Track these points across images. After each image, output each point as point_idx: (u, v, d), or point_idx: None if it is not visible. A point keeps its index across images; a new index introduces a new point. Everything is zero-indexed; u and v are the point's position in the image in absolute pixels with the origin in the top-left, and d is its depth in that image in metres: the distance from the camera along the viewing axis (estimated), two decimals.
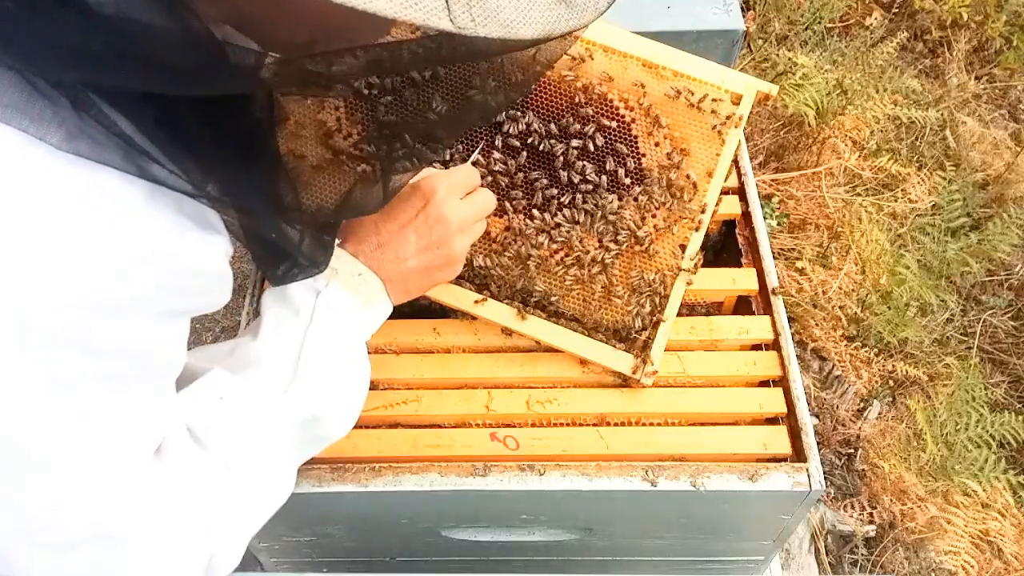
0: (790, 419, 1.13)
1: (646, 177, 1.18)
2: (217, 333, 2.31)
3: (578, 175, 1.17)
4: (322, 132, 1.01)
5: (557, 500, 1.09)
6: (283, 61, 0.58)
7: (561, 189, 1.17)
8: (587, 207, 1.16)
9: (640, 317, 1.13)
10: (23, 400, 0.55)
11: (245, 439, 0.81)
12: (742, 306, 1.28)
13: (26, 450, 0.57)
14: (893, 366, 2.20)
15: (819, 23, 2.75)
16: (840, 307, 2.24)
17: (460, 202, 1.01)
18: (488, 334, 1.16)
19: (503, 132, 1.18)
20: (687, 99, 1.22)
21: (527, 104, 1.20)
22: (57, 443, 0.59)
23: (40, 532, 0.62)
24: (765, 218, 1.52)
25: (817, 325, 2.25)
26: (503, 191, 1.17)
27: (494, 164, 1.17)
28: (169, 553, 0.71)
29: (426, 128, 0.92)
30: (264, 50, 0.57)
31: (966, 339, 2.35)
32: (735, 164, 1.31)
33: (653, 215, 1.17)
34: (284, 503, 0.89)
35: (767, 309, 1.21)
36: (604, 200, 1.16)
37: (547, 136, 1.18)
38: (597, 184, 1.17)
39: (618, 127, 1.20)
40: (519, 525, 1.19)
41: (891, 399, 2.24)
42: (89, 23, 0.50)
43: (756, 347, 1.20)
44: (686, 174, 1.19)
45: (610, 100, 1.21)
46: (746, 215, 1.31)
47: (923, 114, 2.55)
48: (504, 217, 1.16)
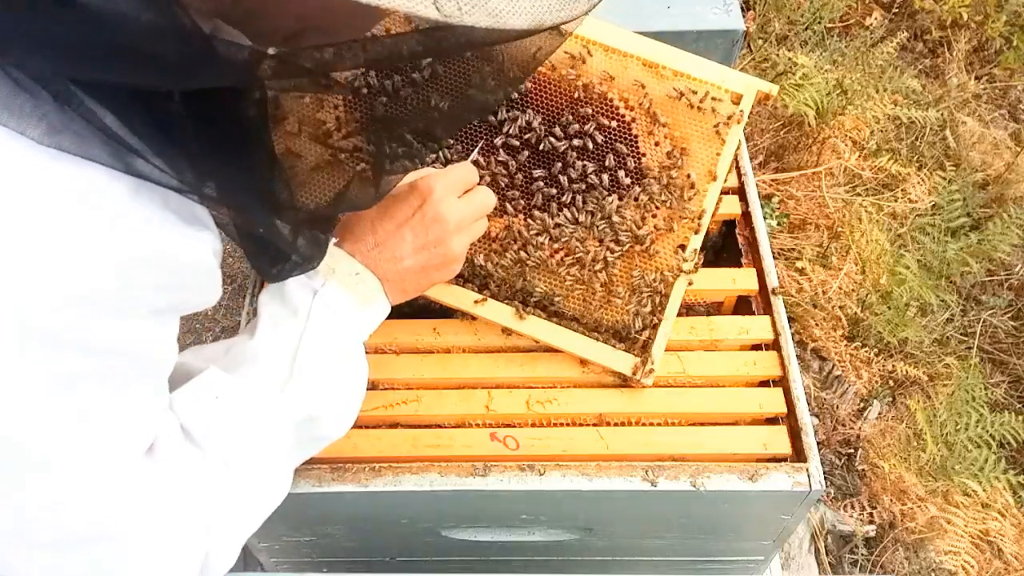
0: (790, 419, 1.13)
1: (646, 177, 1.18)
2: (217, 333, 2.30)
3: (578, 175, 1.17)
4: (313, 127, 1.01)
5: (557, 500, 1.09)
6: (271, 55, 0.57)
7: (561, 189, 1.17)
8: (588, 207, 1.16)
9: (640, 317, 1.13)
10: (23, 400, 0.55)
11: (241, 438, 0.81)
12: (742, 306, 1.28)
13: (26, 450, 0.57)
14: (893, 366, 2.20)
15: (819, 23, 2.75)
16: (840, 307, 2.24)
17: (458, 201, 1.00)
18: (488, 334, 1.16)
19: (503, 132, 1.18)
20: (687, 99, 1.22)
21: (527, 103, 1.20)
22: (57, 443, 0.59)
23: (40, 532, 0.62)
24: (765, 218, 1.52)
25: (817, 325, 2.25)
26: (503, 191, 1.17)
27: (494, 164, 1.17)
28: (168, 553, 0.71)
29: (420, 122, 0.90)
30: (253, 44, 0.56)
31: (966, 339, 2.35)
32: (735, 164, 1.31)
33: (653, 215, 1.17)
34: (284, 503, 0.89)
35: (767, 309, 1.22)
36: (604, 200, 1.16)
37: (547, 135, 1.18)
38: (597, 184, 1.17)
39: (618, 126, 1.20)
40: (519, 525, 1.19)
41: (891, 399, 2.24)
42: (74, 16, 0.49)
43: (756, 347, 1.20)
44: (686, 174, 1.19)
45: (610, 99, 1.21)
46: (746, 215, 1.31)
47: (923, 114, 2.55)
48: (504, 217, 1.16)
